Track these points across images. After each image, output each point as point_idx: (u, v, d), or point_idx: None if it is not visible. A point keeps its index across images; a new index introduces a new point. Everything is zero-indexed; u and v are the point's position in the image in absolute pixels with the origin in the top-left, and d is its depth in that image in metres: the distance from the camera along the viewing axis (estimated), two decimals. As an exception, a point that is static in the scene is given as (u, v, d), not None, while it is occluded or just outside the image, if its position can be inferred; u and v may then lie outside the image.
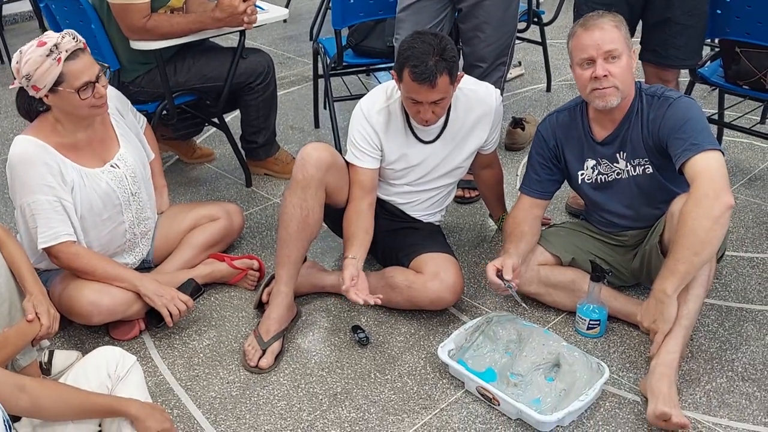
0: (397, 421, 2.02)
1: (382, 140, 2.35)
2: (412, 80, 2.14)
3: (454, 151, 2.43)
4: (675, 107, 2.10)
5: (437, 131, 2.39)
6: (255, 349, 2.22)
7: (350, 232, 2.31)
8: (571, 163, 2.32)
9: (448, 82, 2.16)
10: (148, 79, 2.86)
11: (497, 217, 2.83)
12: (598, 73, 2.08)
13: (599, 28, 2.08)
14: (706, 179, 1.93)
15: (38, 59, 2.05)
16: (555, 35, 4.86)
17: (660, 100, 2.15)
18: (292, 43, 5.24)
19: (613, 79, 2.08)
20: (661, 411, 1.88)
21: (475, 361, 2.13)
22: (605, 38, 2.07)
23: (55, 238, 2.16)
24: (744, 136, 3.39)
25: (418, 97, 2.18)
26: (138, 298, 2.27)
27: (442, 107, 2.24)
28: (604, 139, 2.23)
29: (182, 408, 2.09)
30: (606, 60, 2.07)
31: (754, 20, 2.61)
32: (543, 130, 2.34)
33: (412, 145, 2.39)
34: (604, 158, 2.25)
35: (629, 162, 2.22)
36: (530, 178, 2.37)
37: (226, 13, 2.75)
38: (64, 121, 2.18)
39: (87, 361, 1.88)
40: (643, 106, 2.17)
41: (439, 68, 2.11)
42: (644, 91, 2.19)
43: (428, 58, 2.11)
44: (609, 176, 2.27)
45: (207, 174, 3.41)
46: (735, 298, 2.44)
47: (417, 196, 2.51)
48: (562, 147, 2.31)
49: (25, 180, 2.13)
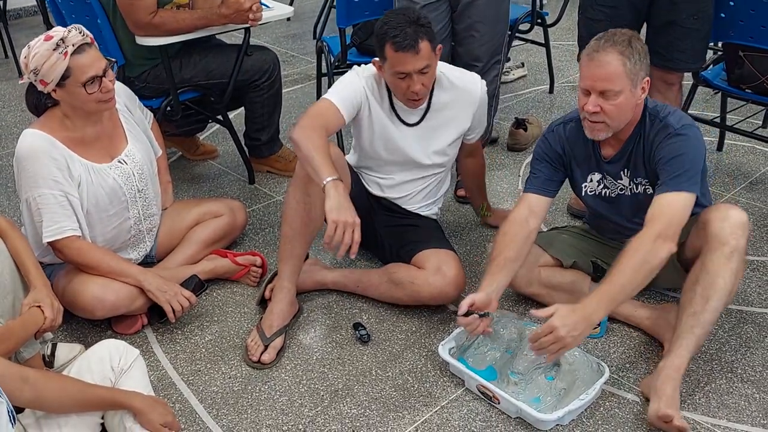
0: (398, 418, 2.03)
1: (369, 100, 2.34)
2: (395, 51, 2.16)
3: (436, 135, 2.44)
4: (672, 139, 2.04)
5: (420, 114, 2.40)
6: (257, 345, 2.23)
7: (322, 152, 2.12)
8: (576, 173, 2.29)
9: (429, 48, 2.19)
10: (154, 74, 2.87)
11: (477, 205, 2.87)
12: (588, 109, 2.03)
13: (600, 64, 1.98)
14: (664, 221, 1.94)
15: (45, 53, 2.05)
16: (558, 36, 4.87)
17: (661, 124, 2.08)
18: (295, 41, 5.24)
19: (604, 116, 2.03)
20: (664, 413, 1.88)
21: (475, 359, 2.14)
22: (603, 76, 1.98)
23: (60, 233, 2.17)
24: (745, 139, 3.40)
25: (405, 68, 2.19)
26: (141, 293, 2.28)
27: (429, 77, 2.25)
28: (611, 158, 2.20)
29: (184, 402, 2.10)
30: (600, 96, 2.01)
31: (757, 24, 2.61)
32: (551, 139, 2.28)
33: (396, 125, 2.40)
34: (609, 175, 2.23)
35: (632, 180, 2.20)
36: (534, 176, 2.33)
37: (232, 10, 2.76)
38: (72, 116, 2.19)
39: (90, 354, 1.89)
40: (647, 128, 2.12)
41: (419, 34, 2.16)
42: (649, 111, 2.12)
43: (406, 27, 2.15)
44: (612, 192, 2.26)
45: (210, 171, 3.41)
46: (735, 301, 2.44)
47: (409, 187, 2.52)
48: (569, 159, 2.27)
49: (32, 174, 2.14)
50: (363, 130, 2.42)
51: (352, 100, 2.31)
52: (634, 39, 2.02)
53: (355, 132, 2.48)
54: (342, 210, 1.99)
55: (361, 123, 2.40)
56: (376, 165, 2.51)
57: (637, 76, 2.00)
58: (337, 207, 1.99)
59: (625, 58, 1.98)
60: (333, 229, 1.98)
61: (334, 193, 2.01)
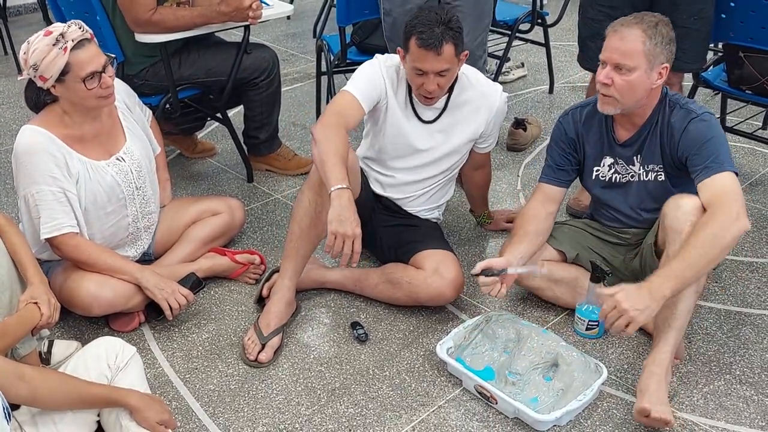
0: (395, 418, 2.03)
1: (388, 94, 2.35)
2: (418, 47, 2.17)
3: (449, 135, 2.43)
4: (697, 124, 2.08)
5: (437, 112, 2.40)
6: (254, 343, 2.22)
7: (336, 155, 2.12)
8: (588, 158, 2.31)
9: (453, 52, 2.18)
10: (153, 72, 2.87)
11: (479, 213, 2.86)
12: (599, 79, 2.07)
13: (622, 37, 2.03)
14: (730, 200, 1.94)
15: (45, 49, 2.05)
16: (558, 37, 4.87)
17: (682, 111, 2.12)
18: (295, 40, 5.24)
19: (613, 89, 2.06)
20: (641, 407, 1.90)
21: (473, 359, 2.14)
22: (621, 49, 2.03)
23: (57, 229, 2.16)
24: (745, 141, 3.39)
25: (425, 66, 2.19)
26: (139, 290, 2.27)
27: (447, 80, 2.25)
28: (625, 141, 2.22)
29: (181, 400, 2.09)
30: (614, 69, 2.05)
31: (758, 25, 2.61)
32: (565, 123, 2.32)
33: (411, 120, 2.40)
34: (622, 159, 2.25)
35: (643, 167, 2.22)
36: (548, 167, 2.34)
37: (232, 8, 2.75)
38: (72, 113, 2.19)
39: (87, 351, 1.89)
40: (665, 114, 2.15)
41: (446, 36, 2.15)
42: (668, 98, 2.16)
43: (435, 26, 2.15)
44: (623, 177, 2.27)
45: (208, 169, 3.41)
46: (734, 302, 2.44)
47: (410, 189, 2.51)
48: (583, 141, 2.30)
49: (30, 170, 2.13)
50: (376, 121, 2.43)
51: (372, 92, 2.31)
52: (662, 23, 2.07)
53: (368, 121, 2.48)
54: (342, 222, 1.99)
55: (375, 114, 2.41)
56: (381, 158, 2.50)
57: (656, 59, 2.04)
58: (338, 218, 1.99)
59: (646, 37, 2.02)
60: (332, 240, 1.99)
61: (337, 203, 2.01)
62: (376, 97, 2.33)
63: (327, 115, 2.24)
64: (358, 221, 2.02)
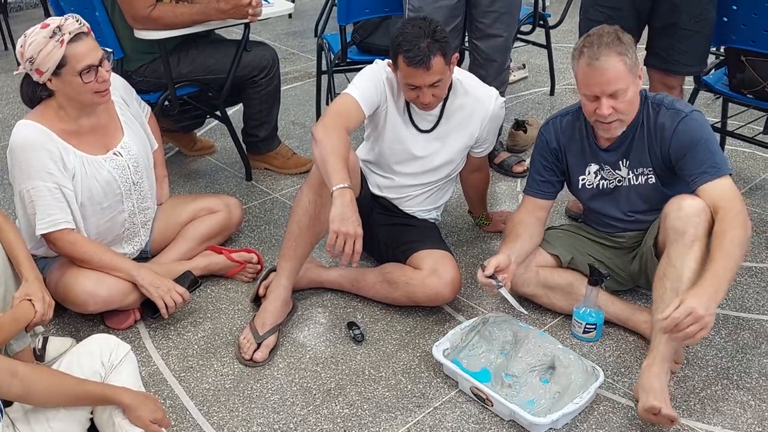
0: (390, 419, 2.02)
1: (388, 99, 2.34)
2: (407, 65, 2.16)
3: (446, 142, 2.43)
4: (688, 124, 2.08)
5: (433, 121, 2.39)
6: (250, 342, 2.21)
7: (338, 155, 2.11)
8: (572, 167, 2.31)
9: (442, 63, 2.18)
10: (152, 69, 2.86)
11: (478, 214, 2.86)
12: (603, 113, 2.06)
13: (603, 71, 2.01)
14: (737, 204, 1.97)
15: (41, 41, 2.04)
16: (560, 38, 4.85)
17: (670, 112, 2.12)
18: (296, 38, 5.23)
19: (618, 114, 2.07)
20: (651, 404, 1.88)
21: (470, 360, 2.13)
22: (611, 79, 2.02)
23: (53, 225, 2.16)
24: (746, 145, 3.38)
25: (416, 82, 2.19)
26: (134, 288, 2.26)
27: (442, 89, 2.25)
28: (609, 146, 2.22)
29: (175, 399, 2.08)
30: (611, 98, 2.05)
31: (760, 29, 2.60)
32: (546, 133, 2.33)
33: (408, 128, 2.39)
34: (607, 164, 2.25)
35: (632, 171, 2.21)
36: (533, 179, 2.36)
37: (231, 5, 2.75)
38: (68, 107, 2.17)
39: (81, 349, 1.87)
40: (650, 115, 2.15)
41: (432, 50, 2.14)
42: (650, 100, 2.16)
43: (420, 41, 2.14)
44: (611, 183, 2.26)
45: (207, 166, 3.40)
46: (732, 307, 2.43)
47: (408, 190, 2.50)
48: (565, 151, 2.30)
49: (26, 165, 2.12)
50: (376, 125, 2.42)
51: (373, 96, 2.31)
52: (619, 32, 2.07)
53: (369, 125, 2.48)
54: (344, 221, 1.99)
55: (375, 119, 2.40)
56: (380, 162, 2.49)
57: (635, 67, 2.07)
58: (340, 217, 1.99)
59: (623, 57, 2.03)
60: (334, 239, 1.99)
61: (339, 202, 2.00)
62: (376, 102, 2.33)
63: (328, 115, 2.24)
64: (360, 221, 2.02)
